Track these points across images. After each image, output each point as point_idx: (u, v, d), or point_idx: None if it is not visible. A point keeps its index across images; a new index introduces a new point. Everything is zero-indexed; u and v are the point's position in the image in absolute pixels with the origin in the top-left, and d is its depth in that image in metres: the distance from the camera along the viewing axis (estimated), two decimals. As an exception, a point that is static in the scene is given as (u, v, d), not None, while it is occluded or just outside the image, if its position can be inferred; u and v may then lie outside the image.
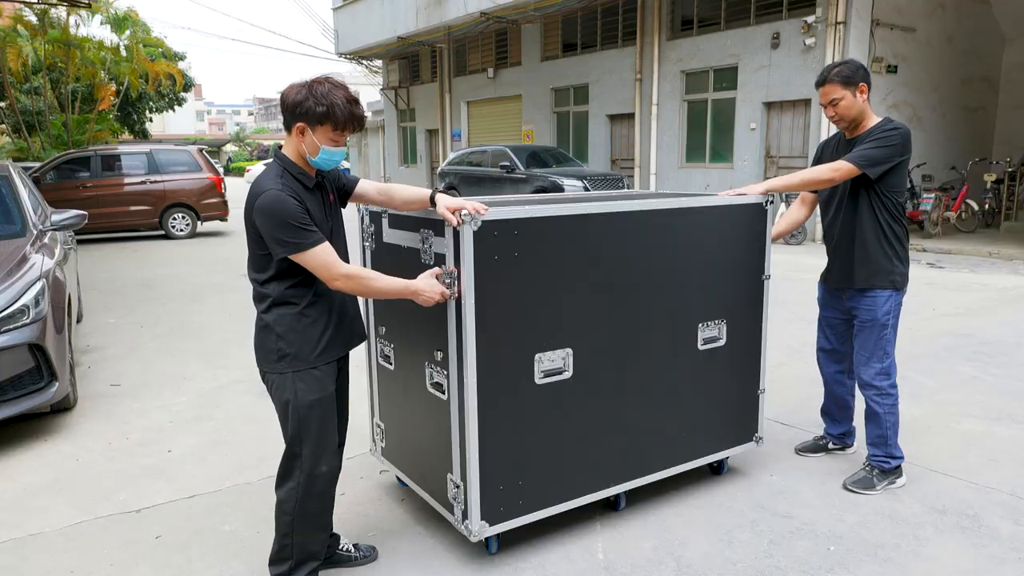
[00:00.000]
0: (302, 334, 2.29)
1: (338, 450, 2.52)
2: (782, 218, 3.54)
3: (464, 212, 2.36)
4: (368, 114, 32.43)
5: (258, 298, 2.32)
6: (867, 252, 3.17)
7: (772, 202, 3.18)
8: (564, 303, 2.68)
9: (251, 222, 2.22)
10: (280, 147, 2.35)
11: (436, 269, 2.46)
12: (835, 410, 3.60)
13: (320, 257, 2.19)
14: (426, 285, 2.39)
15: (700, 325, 3.08)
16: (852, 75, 3.09)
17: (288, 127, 2.25)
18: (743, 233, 3.15)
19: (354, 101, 2.25)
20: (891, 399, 3.22)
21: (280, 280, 2.26)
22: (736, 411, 3.30)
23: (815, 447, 3.65)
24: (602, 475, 2.91)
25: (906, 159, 3.11)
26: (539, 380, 2.65)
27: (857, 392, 3.47)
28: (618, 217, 2.76)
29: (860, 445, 3.55)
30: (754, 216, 3.16)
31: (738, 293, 3.19)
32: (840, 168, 3.06)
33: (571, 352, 2.72)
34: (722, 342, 3.16)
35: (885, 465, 3.25)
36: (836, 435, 3.63)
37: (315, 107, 2.18)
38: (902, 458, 3.28)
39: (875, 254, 3.16)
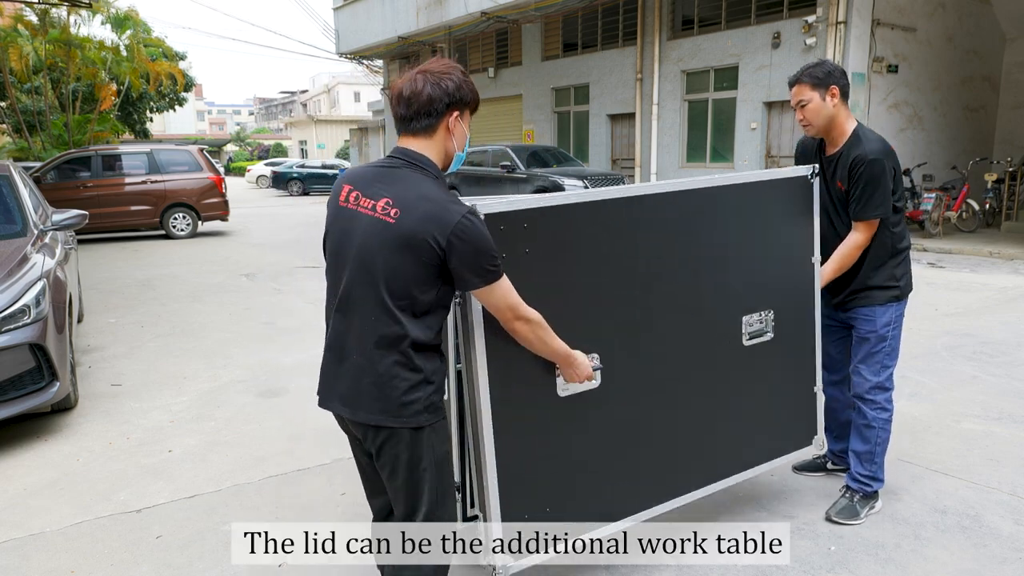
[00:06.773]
0: (442, 379, 1.97)
1: None
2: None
3: None
4: (368, 114, 32.42)
5: (394, 341, 1.83)
6: (858, 270, 2.91)
7: (817, 174, 2.85)
8: (587, 302, 2.34)
9: (426, 249, 1.78)
10: (409, 152, 1.89)
11: (593, 357, 2.28)
12: (834, 425, 3.28)
13: (510, 289, 1.90)
14: (582, 360, 2.17)
15: (744, 318, 2.72)
16: (824, 77, 2.81)
17: (435, 121, 1.86)
18: (787, 212, 2.78)
19: None
20: (886, 414, 2.97)
21: (428, 318, 1.87)
22: (789, 413, 2.93)
23: (814, 466, 3.40)
24: (638, 495, 2.55)
25: (898, 168, 2.90)
26: (562, 392, 2.31)
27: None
28: (644, 200, 2.42)
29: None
30: (799, 192, 2.79)
31: (785, 280, 2.81)
32: (864, 235, 2.83)
33: (597, 358, 2.35)
34: (770, 336, 2.79)
35: (867, 488, 3.00)
36: (837, 452, 3.32)
37: (470, 90, 1.87)
38: (882, 483, 3.03)
39: (867, 271, 2.90)
